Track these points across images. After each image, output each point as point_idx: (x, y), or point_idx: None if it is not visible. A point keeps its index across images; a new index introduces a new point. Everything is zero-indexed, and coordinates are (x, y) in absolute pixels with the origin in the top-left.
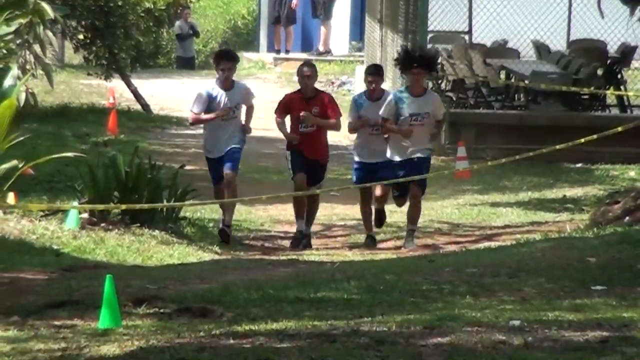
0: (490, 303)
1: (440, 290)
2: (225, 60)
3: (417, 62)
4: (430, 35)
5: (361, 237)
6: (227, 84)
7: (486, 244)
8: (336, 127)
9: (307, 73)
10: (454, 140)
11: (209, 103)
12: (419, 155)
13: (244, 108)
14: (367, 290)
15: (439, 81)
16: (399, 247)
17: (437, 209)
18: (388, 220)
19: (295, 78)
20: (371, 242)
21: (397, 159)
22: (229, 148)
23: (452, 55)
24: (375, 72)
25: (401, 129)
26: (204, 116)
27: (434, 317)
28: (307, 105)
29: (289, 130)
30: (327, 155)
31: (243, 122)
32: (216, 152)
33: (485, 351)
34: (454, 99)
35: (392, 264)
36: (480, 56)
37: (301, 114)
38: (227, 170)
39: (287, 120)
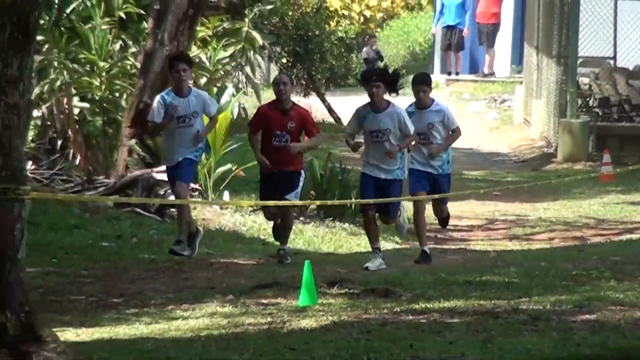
0: (632, 286)
1: (588, 275)
2: (178, 62)
3: (376, 76)
4: (579, 60)
5: (519, 230)
6: (182, 90)
7: (628, 236)
8: (318, 145)
9: (283, 80)
10: (600, 149)
11: (165, 110)
12: (387, 177)
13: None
14: (525, 275)
15: (587, 99)
16: (552, 239)
17: (584, 207)
18: (543, 215)
19: (465, 95)
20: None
21: (370, 173)
22: (182, 158)
23: (598, 77)
24: (423, 82)
25: (351, 144)
26: (155, 125)
27: (583, 298)
28: (282, 118)
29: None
30: (299, 164)
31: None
32: (172, 160)
33: (627, 326)
34: (600, 114)
35: (546, 253)
36: (624, 78)
37: (290, 145)
38: (177, 180)
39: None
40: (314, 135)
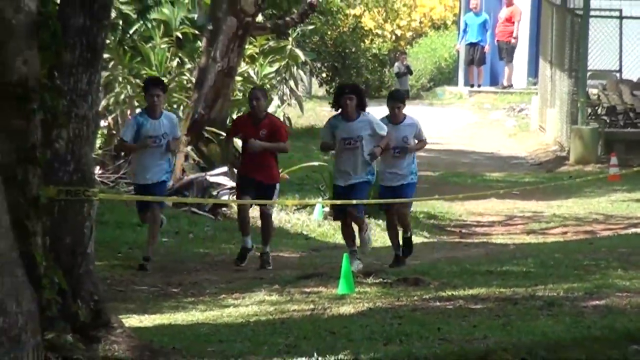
0: (637, 275)
1: (598, 265)
2: (154, 87)
3: (348, 89)
4: (589, 73)
5: (536, 226)
6: (154, 112)
7: (633, 230)
8: (285, 149)
9: (257, 96)
10: (608, 152)
11: (138, 130)
12: (357, 180)
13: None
14: (541, 265)
15: (596, 107)
16: (565, 233)
17: (594, 204)
18: (557, 212)
19: (486, 105)
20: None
21: (341, 184)
22: (155, 181)
23: (606, 88)
24: (398, 99)
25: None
26: (128, 145)
27: (593, 285)
28: (255, 127)
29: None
30: (274, 177)
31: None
32: (141, 178)
33: (633, 311)
34: (608, 121)
35: (559, 246)
36: (629, 88)
37: (249, 141)
38: (154, 207)
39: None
40: (281, 142)
